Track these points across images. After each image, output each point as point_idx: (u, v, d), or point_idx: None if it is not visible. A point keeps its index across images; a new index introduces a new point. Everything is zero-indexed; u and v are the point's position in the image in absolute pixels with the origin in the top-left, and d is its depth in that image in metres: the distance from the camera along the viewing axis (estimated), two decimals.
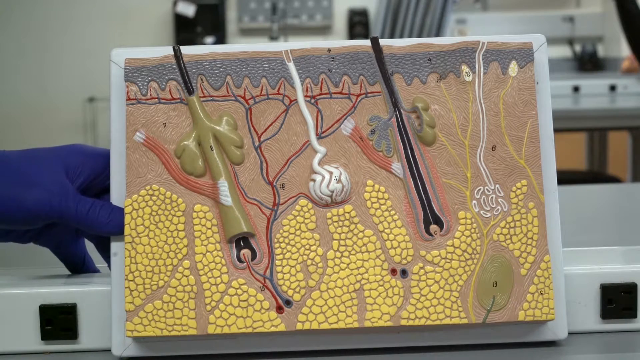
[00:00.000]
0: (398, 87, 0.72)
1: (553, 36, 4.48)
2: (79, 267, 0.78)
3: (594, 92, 3.21)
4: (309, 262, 0.69)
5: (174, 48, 0.71)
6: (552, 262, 0.70)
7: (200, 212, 0.70)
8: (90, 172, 0.72)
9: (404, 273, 0.69)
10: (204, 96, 0.71)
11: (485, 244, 0.70)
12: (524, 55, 0.72)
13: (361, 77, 0.72)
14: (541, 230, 0.70)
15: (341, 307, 0.69)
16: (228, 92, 0.71)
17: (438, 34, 3.41)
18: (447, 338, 0.70)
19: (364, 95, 0.71)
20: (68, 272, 0.78)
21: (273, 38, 4.45)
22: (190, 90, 0.71)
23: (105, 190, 0.73)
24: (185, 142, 0.70)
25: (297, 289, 0.69)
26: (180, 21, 4.77)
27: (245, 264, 0.69)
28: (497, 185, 0.71)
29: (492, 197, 0.71)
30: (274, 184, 0.70)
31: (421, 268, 0.69)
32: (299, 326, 0.68)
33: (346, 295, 0.69)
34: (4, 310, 0.71)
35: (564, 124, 2.77)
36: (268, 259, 0.69)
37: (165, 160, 0.70)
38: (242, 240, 0.70)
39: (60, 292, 0.72)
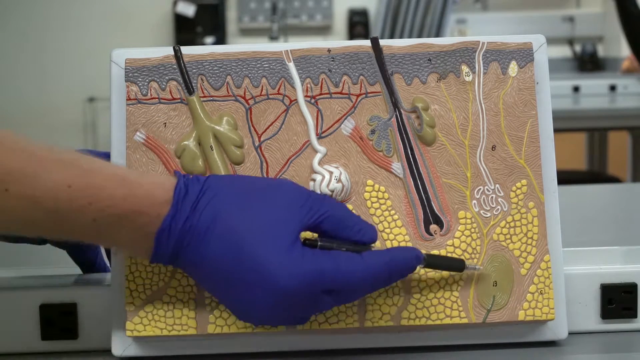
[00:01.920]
0: (398, 87, 0.72)
1: (553, 36, 4.48)
2: (91, 268, 0.78)
3: (594, 92, 3.21)
4: None
5: (174, 48, 0.71)
6: (552, 262, 0.70)
7: None
8: None
9: None
10: (204, 96, 0.71)
11: (485, 243, 0.70)
12: (524, 55, 0.72)
13: (361, 77, 0.72)
14: (541, 230, 0.70)
15: (341, 307, 0.69)
16: (228, 92, 0.71)
17: (438, 34, 3.41)
18: (447, 338, 0.70)
19: (364, 95, 0.71)
20: (68, 272, 0.78)
21: (273, 38, 4.44)
22: (190, 90, 0.71)
23: None
24: (186, 142, 0.70)
25: None
26: (180, 21, 4.77)
27: None
28: (497, 185, 0.71)
29: (492, 197, 0.71)
30: None
31: (421, 268, 0.69)
32: (299, 326, 0.68)
33: None
34: (4, 310, 0.71)
35: (564, 124, 2.76)
36: None
37: (165, 160, 0.70)
38: None
39: (60, 292, 0.72)
